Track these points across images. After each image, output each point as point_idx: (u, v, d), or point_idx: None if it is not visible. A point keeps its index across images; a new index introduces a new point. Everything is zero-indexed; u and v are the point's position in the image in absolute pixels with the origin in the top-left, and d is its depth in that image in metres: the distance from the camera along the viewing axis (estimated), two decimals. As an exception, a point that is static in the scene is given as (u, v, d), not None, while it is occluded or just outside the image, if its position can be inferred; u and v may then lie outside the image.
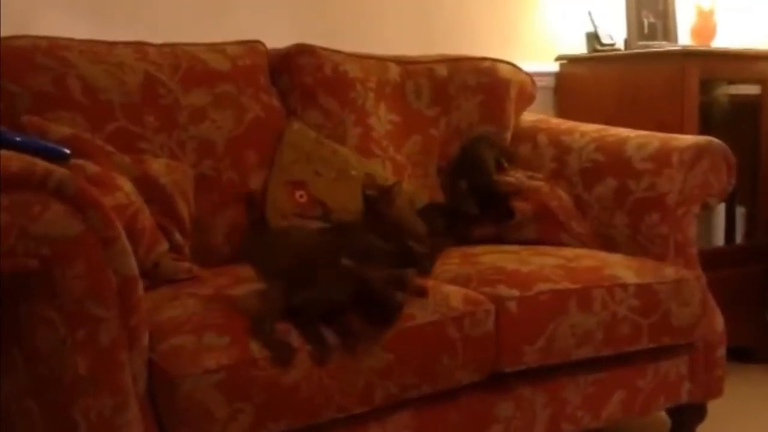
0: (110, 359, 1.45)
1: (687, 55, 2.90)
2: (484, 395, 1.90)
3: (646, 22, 3.16)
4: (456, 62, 2.67)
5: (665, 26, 3.21)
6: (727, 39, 3.26)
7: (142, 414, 1.49)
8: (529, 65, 2.86)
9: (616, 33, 3.19)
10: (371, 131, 2.45)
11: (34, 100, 1.98)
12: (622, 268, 2.10)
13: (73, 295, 1.41)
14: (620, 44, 3.19)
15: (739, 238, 3.15)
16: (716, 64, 2.96)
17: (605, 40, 3.17)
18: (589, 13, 3.18)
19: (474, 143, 2.54)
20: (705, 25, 3.22)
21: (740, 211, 3.13)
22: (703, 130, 2.72)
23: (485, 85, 2.66)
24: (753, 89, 3.09)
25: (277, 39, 2.44)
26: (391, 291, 1.66)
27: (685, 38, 3.26)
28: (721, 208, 3.04)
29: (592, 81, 3.11)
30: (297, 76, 2.39)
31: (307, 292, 1.63)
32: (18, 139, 1.70)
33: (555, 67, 3.21)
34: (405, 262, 1.85)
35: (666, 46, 3.09)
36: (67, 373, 1.43)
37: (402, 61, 2.60)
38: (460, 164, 2.52)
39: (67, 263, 1.40)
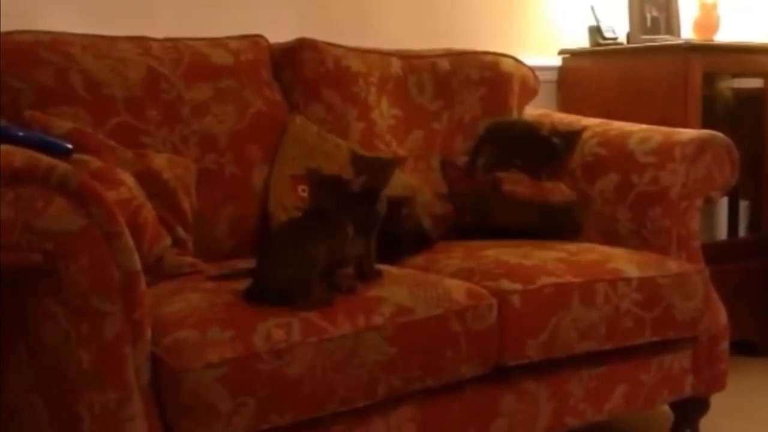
0: (114, 353, 1.46)
1: (690, 48, 2.89)
2: (487, 389, 1.90)
3: (648, 15, 3.15)
4: (459, 56, 2.67)
5: (668, 20, 3.20)
6: (729, 33, 3.25)
7: (145, 408, 1.49)
8: (531, 59, 2.86)
9: (618, 27, 3.19)
10: (374, 126, 2.44)
11: (36, 95, 1.98)
12: (624, 261, 2.09)
13: (77, 290, 1.42)
14: (623, 38, 3.18)
15: (742, 232, 3.14)
16: (719, 58, 2.95)
17: (608, 34, 3.17)
18: (592, 7, 3.17)
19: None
20: (708, 18, 3.21)
21: (743, 205, 3.13)
22: (706, 124, 2.71)
23: (488, 79, 2.65)
24: (756, 83, 3.08)
25: (279, 33, 2.44)
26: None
27: (688, 32, 3.25)
28: (724, 202, 3.04)
29: (594, 75, 3.11)
30: (299, 71, 2.39)
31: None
32: (21, 134, 1.70)
33: (558, 61, 3.21)
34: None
35: (669, 40, 3.09)
36: (72, 367, 1.43)
37: (404, 56, 2.60)
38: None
39: (70, 258, 1.40)
